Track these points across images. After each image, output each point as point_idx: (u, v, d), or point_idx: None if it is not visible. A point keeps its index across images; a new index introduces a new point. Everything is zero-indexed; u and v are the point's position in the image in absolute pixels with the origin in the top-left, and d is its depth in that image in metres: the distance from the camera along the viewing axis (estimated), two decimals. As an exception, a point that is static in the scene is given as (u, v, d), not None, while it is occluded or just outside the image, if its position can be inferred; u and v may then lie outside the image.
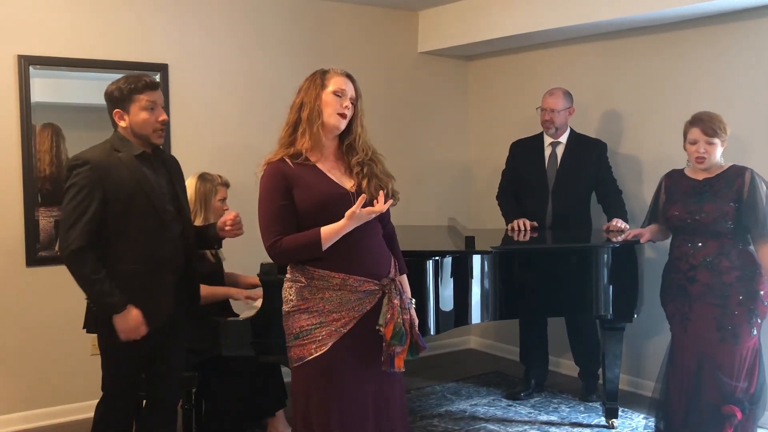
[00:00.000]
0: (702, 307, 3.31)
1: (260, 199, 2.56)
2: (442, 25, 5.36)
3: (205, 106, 4.66)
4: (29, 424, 4.17)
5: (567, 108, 4.42)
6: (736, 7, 4.00)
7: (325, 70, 2.61)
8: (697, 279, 3.32)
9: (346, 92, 2.57)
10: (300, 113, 2.57)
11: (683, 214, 3.36)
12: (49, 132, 4.13)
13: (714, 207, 3.29)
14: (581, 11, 4.43)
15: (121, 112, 2.85)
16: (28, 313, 4.13)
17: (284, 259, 2.58)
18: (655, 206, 3.62)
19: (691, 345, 3.35)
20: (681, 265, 3.39)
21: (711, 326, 3.29)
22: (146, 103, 2.83)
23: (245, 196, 4.26)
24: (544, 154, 4.48)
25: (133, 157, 2.85)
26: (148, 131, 2.86)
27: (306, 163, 2.55)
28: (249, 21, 4.81)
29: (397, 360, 2.52)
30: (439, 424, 4.16)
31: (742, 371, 3.27)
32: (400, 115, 5.46)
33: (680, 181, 3.47)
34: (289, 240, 2.50)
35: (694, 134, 3.36)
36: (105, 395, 2.97)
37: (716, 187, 3.34)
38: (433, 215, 5.50)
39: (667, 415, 3.44)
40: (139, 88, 2.83)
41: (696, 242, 3.35)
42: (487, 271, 3.63)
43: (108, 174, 2.77)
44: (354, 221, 2.48)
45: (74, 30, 4.22)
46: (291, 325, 2.56)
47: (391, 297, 2.53)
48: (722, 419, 3.25)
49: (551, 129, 4.42)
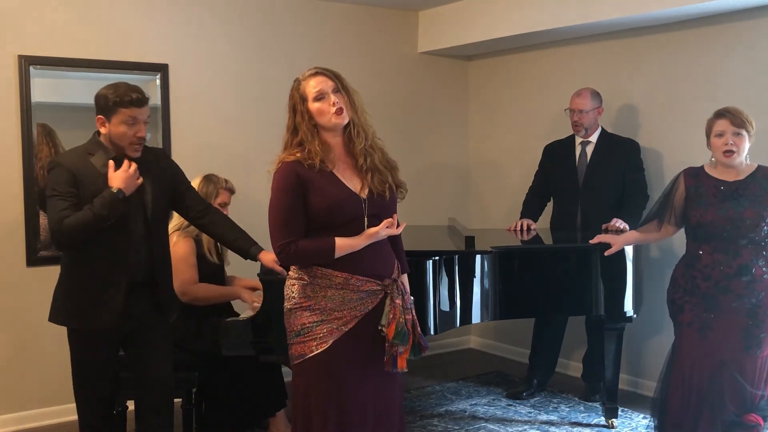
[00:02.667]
0: (730, 317, 3.11)
1: (273, 198, 2.54)
2: (442, 25, 5.36)
3: (205, 107, 4.66)
4: (29, 424, 4.18)
5: (595, 108, 4.39)
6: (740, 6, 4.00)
7: (299, 81, 2.57)
8: (731, 289, 3.10)
9: (325, 90, 2.52)
10: (299, 134, 2.54)
11: (722, 221, 3.10)
12: (39, 131, 4.10)
13: (756, 213, 3.08)
14: (581, 11, 4.43)
15: (104, 119, 2.91)
16: (28, 313, 4.13)
17: (292, 262, 2.56)
18: (666, 204, 3.33)
19: (710, 353, 3.16)
20: (713, 273, 3.14)
21: (737, 335, 3.12)
22: (128, 118, 2.88)
23: (245, 195, 4.28)
24: (575, 154, 4.46)
25: (107, 160, 2.91)
26: (125, 144, 2.91)
27: (321, 166, 2.52)
28: (249, 21, 4.81)
29: (400, 360, 2.53)
30: (439, 424, 4.16)
31: (762, 379, 3.16)
32: (400, 115, 5.46)
33: (705, 182, 3.20)
34: (304, 245, 2.48)
35: (721, 126, 3.14)
36: (75, 395, 3.08)
37: (752, 191, 3.12)
38: (433, 215, 5.50)
39: (667, 416, 3.40)
40: (124, 102, 2.87)
41: (731, 250, 3.11)
42: (487, 271, 3.63)
43: (78, 172, 2.87)
44: (372, 240, 2.50)
45: (74, 30, 4.22)
46: (293, 322, 2.56)
47: (394, 297, 2.54)
48: (746, 429, 3.13)
49: (581, 130, 4.40)
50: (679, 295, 3.26)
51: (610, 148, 4.39)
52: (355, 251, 2.51)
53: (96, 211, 2.81)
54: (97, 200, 2.83)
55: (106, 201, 2.82)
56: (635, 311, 3.91)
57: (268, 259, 3.09)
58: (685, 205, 3.25)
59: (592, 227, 4.24)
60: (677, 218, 3.30)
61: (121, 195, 2.84)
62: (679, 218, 3.30)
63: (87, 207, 2.83)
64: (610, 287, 3.82)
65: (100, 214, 2.82)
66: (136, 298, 2.98)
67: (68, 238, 2.85)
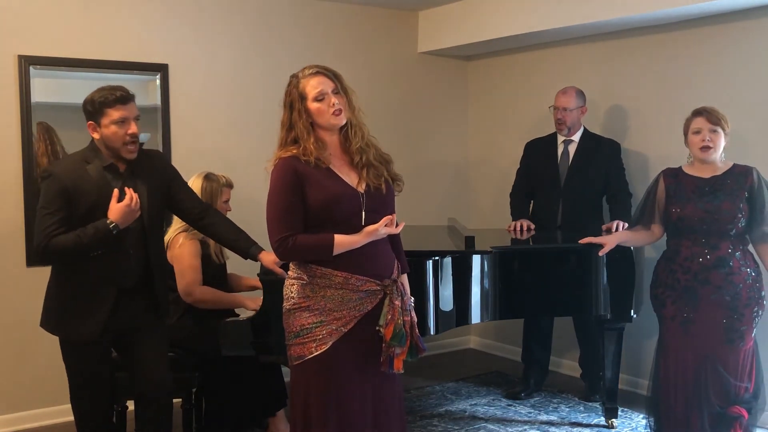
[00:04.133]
0: (710, 309, 3.22)
1: (271, 193, 2.54)
2: (442, 25, 5.36)
3: (205, 107, 4.66)
4: (29, 424, 4.18)
5: (579, 107, 4.41)
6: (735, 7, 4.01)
7: (298, 78, 2.57)
8: (710, 281, 3.21)
9: (325, 91, 2.53)
10: (295, 131, 2.54)
11: (700, 213, 3.23)
12: (38, 130, 4.10)
13: (732, 206, 3.20)
14: (581, 11, 4.43)
15: (94, 124, 2.91)
16: (28, 313, 4.11)
17: (290, 256, 2.56)
18: (649, 205, 3.47)
19: (693, 347, 3.26)
20: (692, 266, 3.26)
21: (718, 328, 3.21)
22: (116, 118, 2.87)
23: (245, 195, 4.28)
24: (557, 153, 4.47)
25: (102, 168, 2.90)
26: (118, 144, 2.90)
27: (317, 162, 2.53)
28: (249, 21, 4.81)
29: (397, 361, 2.53)
30: (439, 424, 4.16)
31: (745, 372, 3.24)
32: (399, 115, 5.46)
33: (683, 180, 3.35)
34: (303, 239, 2.48)
35: (697, 123, 3.28)
36: (71, 401, 3.09)
37: (729, 185, 3.25)
38: (433, 215, 5.50)
39: (661, 413, 3.42)
40: (110, 102, 2.87)
41: (710, 242, 3.23)
42: (486, 271, 3.63)
43: (72, 184, 2.85)
44: (371, 237, 2.50)
45: (74, 30, 4.22)
46: (292, 323, 2.56)
47: (393, 298, 2.54)
48: (730, 421, 3.20)
49: (564, 129, 4.41)
50: (661, 290, 3.39)
51: (592, 148, 4.41)
52: (355, 250, 2.51)
53: (86, 242, 2.81)
54: (90, 230, 2.81)
55: (99, 234, 2.81)
56: (635, 311, 3.91)
57: (268, 260, 3.09)
58: (666, 202, 3.37)
59: (573, 226, 4.29)
60: (661, 217, 3.43)
61: (116, 230, 2.82)
62: (663, 217, 3.42)
63: (77, 233, 2.81)
64: (616, 287, 3.81)
65: (89, 245, 2.81)
66: (126, 304, 2.96)
67: (55, 257, 2.87)
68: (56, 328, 2.99)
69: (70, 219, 2.83)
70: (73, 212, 2.84)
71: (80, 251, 2.82)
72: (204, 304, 3.58)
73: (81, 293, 2.92)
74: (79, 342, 2.95)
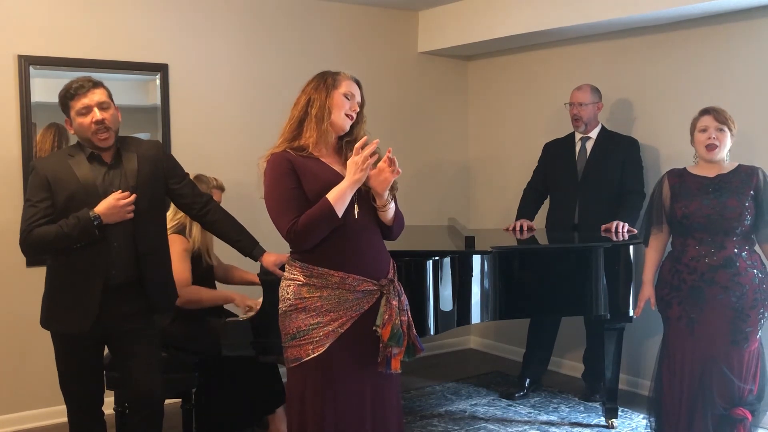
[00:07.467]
0: (715, 310, 3.19)
1: (269, 187, 2.54)
2: (442, 25, 5.36)
3: (205, 106, 4.66)
4: (29, 424, 4.18)
5: (595, 102, 4.41)
6: (738, 7, 4.00)
7: (336, 72, 2.64)
8: (717, 281, 3.18)
9: (354, 96, 2.62)
10: (308, 109, 2.57)
11: (705, 210, 3.20)
12: (52, 132, 4.13)
13: (738, 203, 3.18)
14: (581, 11, 4.43)
15: (68, 119, 2.95)
16: (27, 313, 4.11)
17: (303, 240, 2.50)
18: (656, 207, 3.44)
19: (698, 348, 3.23)
20: (698, 266, 3.22)
21: (724, 329, 3.18)
22: (80, 108, 2.89)
23: (245, 195, 4.27)
24: (574, 150, 4.48)
25: (85, 160, 2.91)
26: (88, 134, 2.90)
27: (309, 156, 2.56)
28: (249, 21, 4.82)
29: (394, 361, 2.53)
30: (439, 424, 4.16)
31: (750, 373, 3.21)
32: (400, 115, 5.46)
33: (688, 179, 3.33)
34: (304, 217, 2.47)
35: (704, 122, 3.28)
36: (63, 396, 3.08)
37: (734, 183, 3.23)
38: (433, 215, 5.50)
39: (663, 414, 3.41)
40: (70, 95, 2.90)
41: (717, 241, 3.20)
42: (486, 271, 3.63)
43: (53, 176, 2.87)
44: (356, 177, 2.45)
45: (74, 30, 4.23)
46: (288, 325, 2.56)
47: (390, 298, 2.54)
48: (734, 423, 3.18)
49: (580, 125, 4.41)
50: (667, 291, 3.36)
51: (609, 145, 4.40)
52: (351, 249, 2.52)
53: (66, 231, 2.80)
54: (72, 220, 2.81)
55: (79, 224, 2.80)
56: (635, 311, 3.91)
57: (269, 262, 3.08)
58: (671, 201, 3.36)
59: (589, 224, 4.26)
60: (667, 216, 3.41)
61: (97, 222, 2.81)
62: (668, 216, 3.40)
63: (58, 224, 2.81)
64: (614, 287, 3.81)
65: (69, 235, 2.80)
66: (116, 300, 2.92)
67: (33, 249, 2.88)
68: (48, 321, 2.98)
69: (53, 209, 2.85)
70: (54, 203, 2.86)
71: (62, 241, 2.81)
72: (191, 304, 3.54)
73: (68, 285, 2.91)
74: (69, 334, 2.93)
